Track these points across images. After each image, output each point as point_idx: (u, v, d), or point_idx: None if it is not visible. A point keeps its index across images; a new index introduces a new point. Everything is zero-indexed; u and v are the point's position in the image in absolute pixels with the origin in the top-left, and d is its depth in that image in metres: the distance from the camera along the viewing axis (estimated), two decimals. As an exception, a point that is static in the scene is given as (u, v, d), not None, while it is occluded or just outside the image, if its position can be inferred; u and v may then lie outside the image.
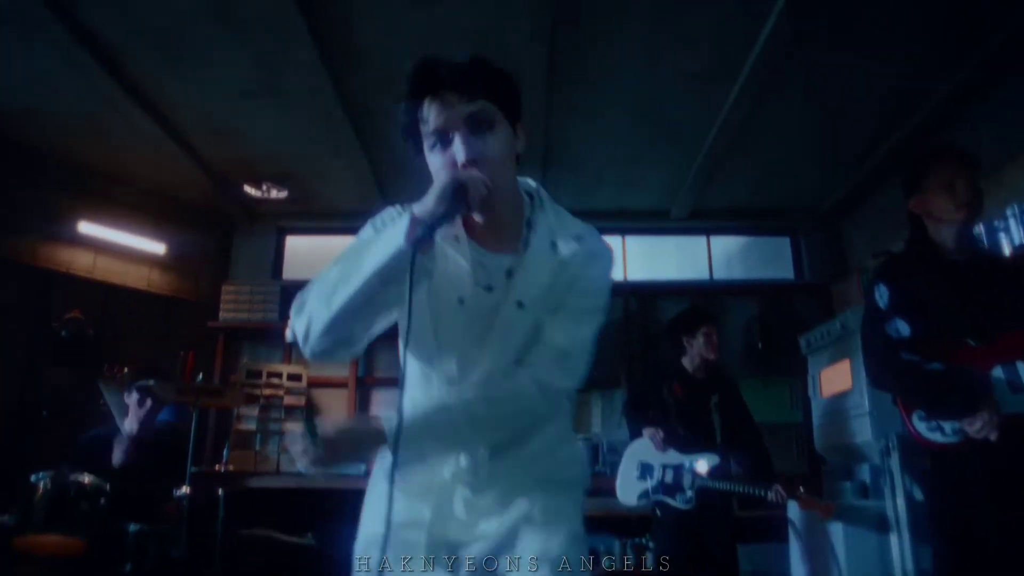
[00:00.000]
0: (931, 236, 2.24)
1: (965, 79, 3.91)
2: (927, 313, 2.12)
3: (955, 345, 2.09)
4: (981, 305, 2.12)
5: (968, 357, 2.08)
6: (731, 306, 5.86)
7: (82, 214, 5.08)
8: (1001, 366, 2.05)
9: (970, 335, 2.10)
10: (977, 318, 2.11)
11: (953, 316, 2.10)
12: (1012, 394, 2.01)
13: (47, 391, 4.77)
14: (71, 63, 3.87)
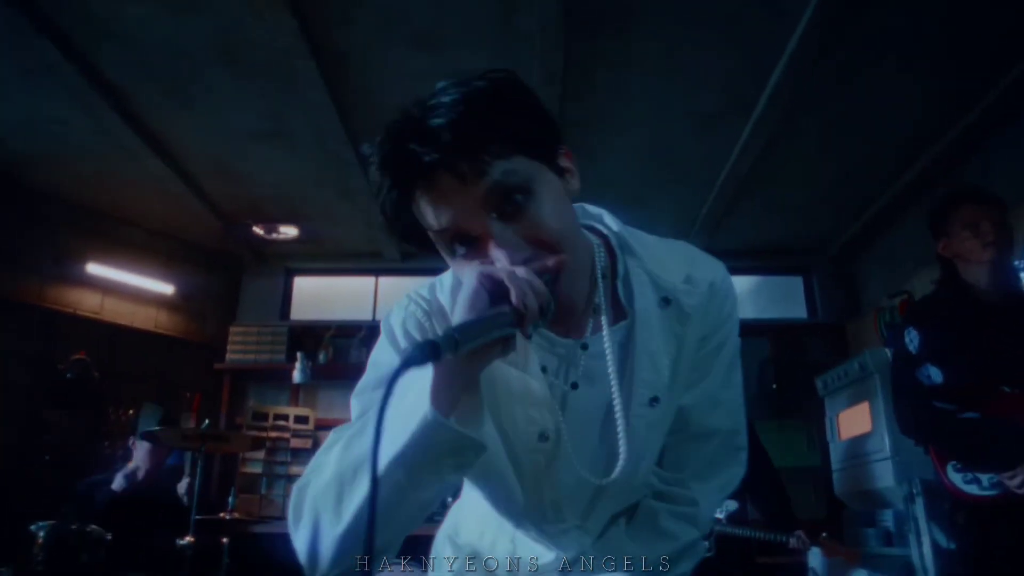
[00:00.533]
0: (963, 277, 2.18)
1: (979, 116, 3.88)
2: (961, 358, 2.04)
3: (992, 393, 2.00)
4: (1018, 350, 2.04)
5: (1006, 406, 1.99)
6: (744, 347, 5.65)
7: (90, 255, 5.06)
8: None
9: (1007, 382, 2.02)
10: (1015, 363, 2.03)
11: (989, 362, 2.03)
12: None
13: (49, 435, 4.69)
14: (82, 106, 3.89)
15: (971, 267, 2.14)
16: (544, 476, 0.97)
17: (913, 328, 2.15)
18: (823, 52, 3.41)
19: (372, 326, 5.70)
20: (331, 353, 5.53)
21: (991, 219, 2.12)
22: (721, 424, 1.06)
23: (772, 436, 5.22)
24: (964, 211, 2.15)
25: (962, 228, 2.13)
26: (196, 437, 3.18)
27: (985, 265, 2.11)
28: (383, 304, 5.96)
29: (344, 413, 4.14)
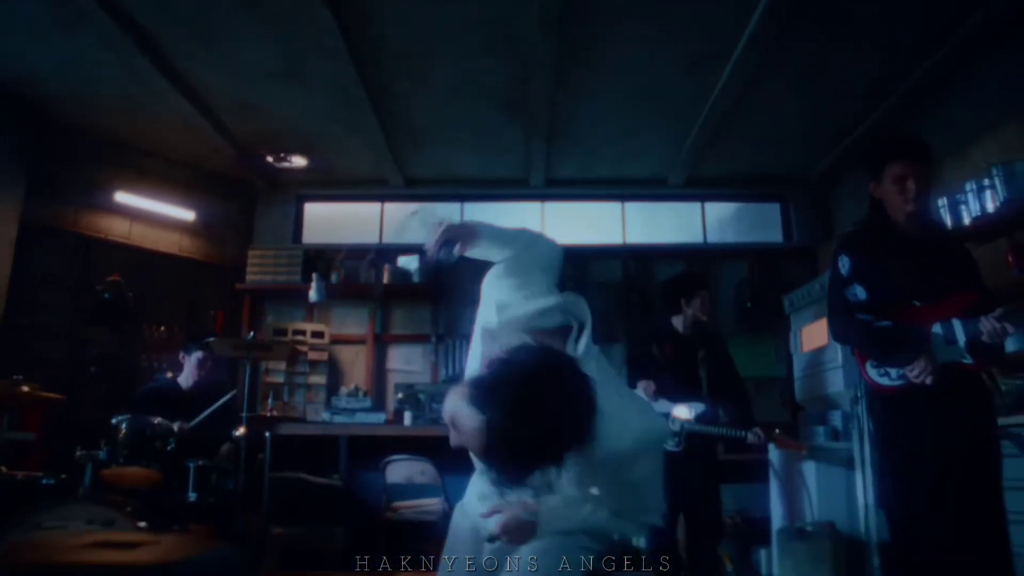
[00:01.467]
0: (888, 215, 2.62)
1: (938, 63, 4.25)
2: (881, 280, 2.51)
3: (903, 306, 2.48)
4: (927, 273, 2.51)
5: (913, 316, 2.48)
6: (723, 268, 6.27)
7: (118, 185, 5.45)
8: (940, 323, 2.44)
9: (916, 298, 2.50)
10: (923, 284, 2.50)
11: (903, 282, 2.50)
12: (946, 346, 2.42)
13: (93, 350, 5.19)
14: (113, 49, 4.21)
15: (895, 210, 2.58)
16: None
17: (844, 255, 2.61)
18: (797, 1, 3.74)
19: (380, 249, 6.16)
20: (342, 274, 5.99)
21: (916, 176, 2.53)
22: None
23: (744, 349, 5.77)
24: (895, 167, 2.55)
25: (892, 182, 2.55)
26: (244, 346, 3.67)
27: (907, 213, 2.55)
28: (389, 228, 6.39)
29: (355, 329, 4.95)
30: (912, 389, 2.41)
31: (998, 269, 3.71)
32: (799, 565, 3.96)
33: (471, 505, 1.80)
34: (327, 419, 5.49)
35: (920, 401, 2.42)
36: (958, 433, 2.36)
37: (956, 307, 2.44)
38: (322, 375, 5.91)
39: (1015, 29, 3.84)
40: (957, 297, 2.46)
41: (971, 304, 2.43)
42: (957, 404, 2.39)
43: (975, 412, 2.41)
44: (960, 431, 2.36)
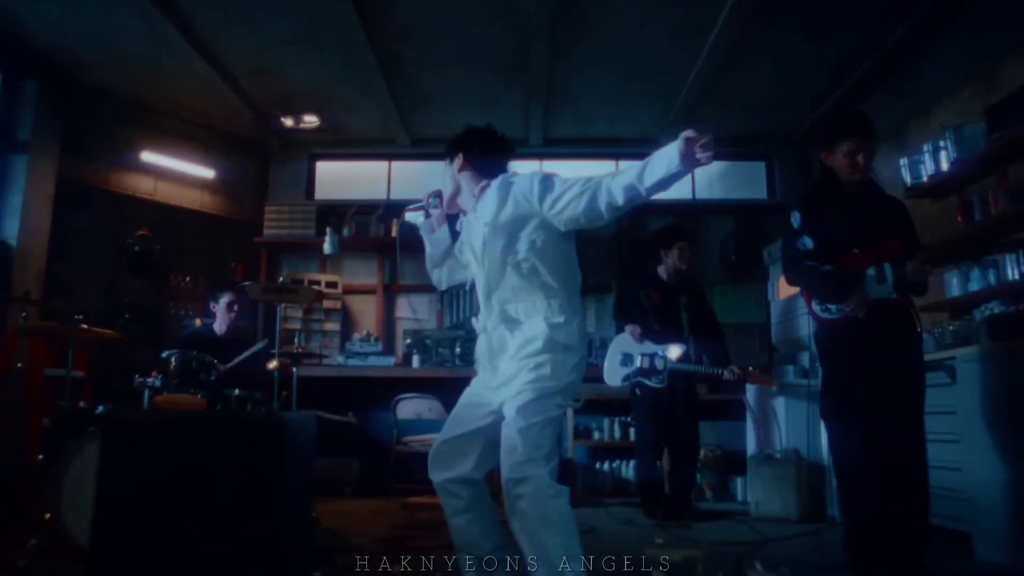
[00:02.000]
0: (836, 179, 3.03)
1: (905, 32, 4.59)
2: (825, 232, 2.93)
3: (843, 254, 2.91)
4: (864, 225, 2.93)
5: (852, 261, 2.91)
6: (711, 223, 6.68)
7: (143, 145, 5.84)
8: (874, 267, 2.87)
9: (855, 246, 2.92)
10: (860, 234, 2.92)
11: (843, 234, 2.92)
12: (877, 284, 2.85)
13: (126, 298, 5.64)
14: (142, 18, 4.55)
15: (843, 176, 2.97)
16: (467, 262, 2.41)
17: (796, 211, 3.02)
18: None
19: (388, 204, 6.55)
20: (353, 228, 6.41)
21: (865, 152, 2.92)
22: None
23: (728, 298, 6.27)
24: (847, 143, 2.93)
25: (843, 156, 2.93)
26: (275, 290, 4.10)
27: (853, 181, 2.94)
28: (396, 185, 6.79)
29: (365, 279, 5.59)
30: (848, 321, 2.86)
31: (949, 223, 4.13)
32: (767, 485, 4.47)
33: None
34: (342, 362, 5.97)
35: (854, 330, 2.87)
36: (885, 355, 2.81)
37: (887, 253, 2.87)
38: (336, 322, 6.38)
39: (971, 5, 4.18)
40: (888, 244, 2.88)
41: (899, 250, 2.85)
42: (885, 332, 2.83)
43: (900, 338, 2.85)
44: (887, 354, 2.81)
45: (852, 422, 2.84)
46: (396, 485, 5.32)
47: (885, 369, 2.82)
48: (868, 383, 2.83)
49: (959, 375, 3.36)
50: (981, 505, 3.20)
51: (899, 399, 2.80)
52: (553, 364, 2.11)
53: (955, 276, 4.03)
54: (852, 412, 2.87)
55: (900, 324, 2.87)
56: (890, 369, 2.81)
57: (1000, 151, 3.62)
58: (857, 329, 2.84)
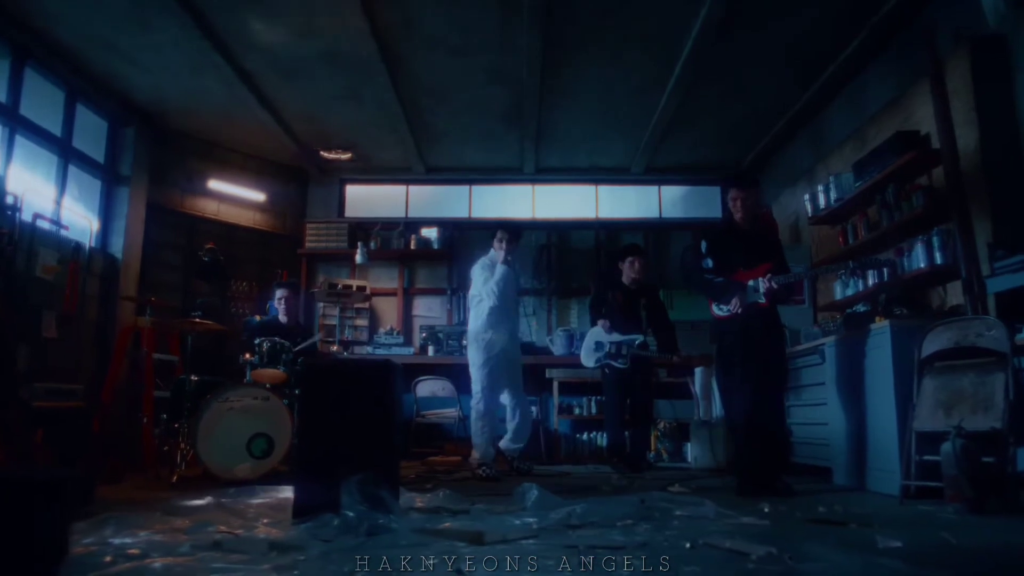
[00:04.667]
0: (732, 217, 4.38)
1: (812, 94, 5.95)
2: (721, 256, 4.29)
3: (731, 270, 4.25)
4: (749, 251, 4.28)
5: (740, 276, 4.25)
6: (675, 237, 8.05)
7: (210, 174, 7.21)
8: (753, 280, 4.21)
9: (742, 266, 4.27)
10: (746, 258, 4.27)
11: (733, 257, 4.27)
12: (754, 292, 4.19)
13: (197, 298, 6.99)
14: (224, 82, 5.90)
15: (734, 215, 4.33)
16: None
17: (704, 240, 4.38)
18: (711, 47, 5.32)
19: (407, 222, 7.93)
20: (378, 242, 7.77)
21: (743, 199, 4.24)
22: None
23: (686, 299, 7.60)
24: (732, 191, 4.29)
25: (730, 200, 4.29)
26: (334, 293, 5.47)
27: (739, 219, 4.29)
28: (413, 205, 8.16)
29: (387, 284, 7.60)
30: (733, 317, 4.20)
31: (834, 243, 5.50)
32: (702, 444, 5.83)
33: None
34: (371, 351, 7.33)
35: (737, 323, 4.21)
36: (755, 341, 4.14)
37: (762, 271, 4.21)
38: (365, 319, 7.75)
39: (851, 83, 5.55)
40: (762, 265, 4.23)
41: (769, 269, 4.20)
42: (756, 325, 4.16)
43: (767, 330, 4.19)
44: (757, 341, 4.14)
45: (733, 387, 4.19)
46: (415, 450, 6.67)
47: (755, 350, 4.15)
48: (744, 359, 4.15)
49: (826, 356, 4.71)
50: (837, 448, 4.54)
51: (765, 370, 4.14)
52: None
53: (839, 284, 5.40)
54: (732, 380, 4.22)
55: (768, 320, 4.22)
56: (759, 350, 4.14)
57: (862, 195, 4.98)
58: (738, 323, 4.20)
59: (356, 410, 2.76)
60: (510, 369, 5.28)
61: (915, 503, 3.46)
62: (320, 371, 2.82)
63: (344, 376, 2.80)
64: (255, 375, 4.84)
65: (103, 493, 3.97)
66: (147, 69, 5.73)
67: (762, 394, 4.11)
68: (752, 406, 4.10)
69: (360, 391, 2.77)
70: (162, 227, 6.80)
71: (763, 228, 4.45)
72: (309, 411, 2.75)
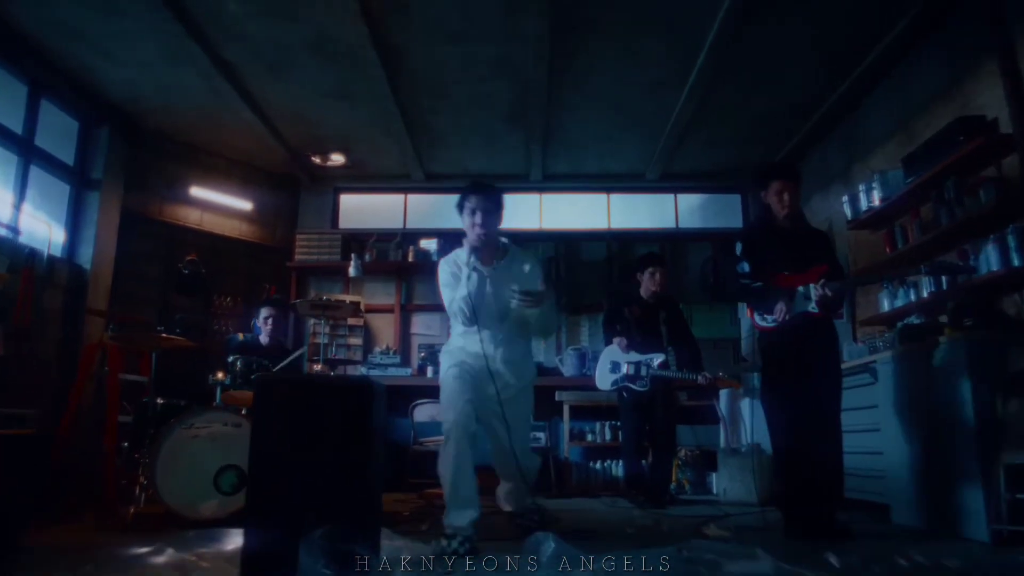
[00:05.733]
0: (771, 214, 3.82)
1: (848, 87, 5.42)
2: (759, 258, 3.71)
3: (772, 274, 3.67)
4: (793, 253, 3.71)
5: (784, 281, 3.68)
6: (691, 249, 7.48)
7: (193, 181, 6.68)
8: (802, 285, 3.64)
9: (784, 269, 3.69)
10: (790, 260, 3.70)
11: (773, 259, 3.69)
12: (804, 300, 3.61)
13: (176, 314, 6.43)
14: (203, 76, 5.39)
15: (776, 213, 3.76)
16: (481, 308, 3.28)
17: (739, 241, 3.80)
18: (735, 37, 4.84)
19: (404, 233, 7.37)
20: (374, 255, 7.22)
21: (791, 191, 3.71)
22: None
23: (706, 316, 7.06)
24: (776, 184, 3.74)
25: (773, 195, 3.73)
26: (320, 306, 4.89)
27: (784, 216, 3.73)
28: (411, 215, 7.61)
29: (383, 300, 6.77)
30: (780, 328, 3.62)
31: (879, 249, 4.93)
32: (732, 475, 5.22)
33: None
34: (365, 372, 6.74)
35: (785, 335, 3.63)
36: (807, 355, 3.56)
37: (814, 275, 3.63)
38: (359, 337, 7.17)
39: (893, 72, 5.01)
40: (814, 268, 3.65)
41: (823, 273, 3.62)
42: (808, 337, 3.59)
43: (821, 342, 3.61)
44: (809, 354, 3.56)
45: (781, 408, 3.60)
46: (412, 481, 6.05)
47: (807, 366, 3.57)
48: (794, 376, 3.58)
49: (879, 375, 4.12)
50: (896, 481, 3.94)
51: (819, 390, 3.56)
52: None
53: (885, 295, 4.82)
54: (781, 400, 3.63)
55: (822, 331, 3.64)
56: (812, 366, 3.56)
57: (913, 193, 4.42)
58: (787, 334, 3.61)
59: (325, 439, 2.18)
60: (514, 404, 3.45)
61: (1013, 551, 2.85)
62: (278, 387, 2.22)
63: (310, 395, 2.22)
64: (226, 397, 4.27)
65: (43, 536, 3.42)
66: (120, 62, 5.22)
67: (815, 417, 3.53)
68: (803, 432, 3.52)
69: (331, 416, 2.19)
70: (138, 236, 6.25)
71: (809, 226, 3.87)
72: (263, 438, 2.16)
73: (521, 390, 3.52)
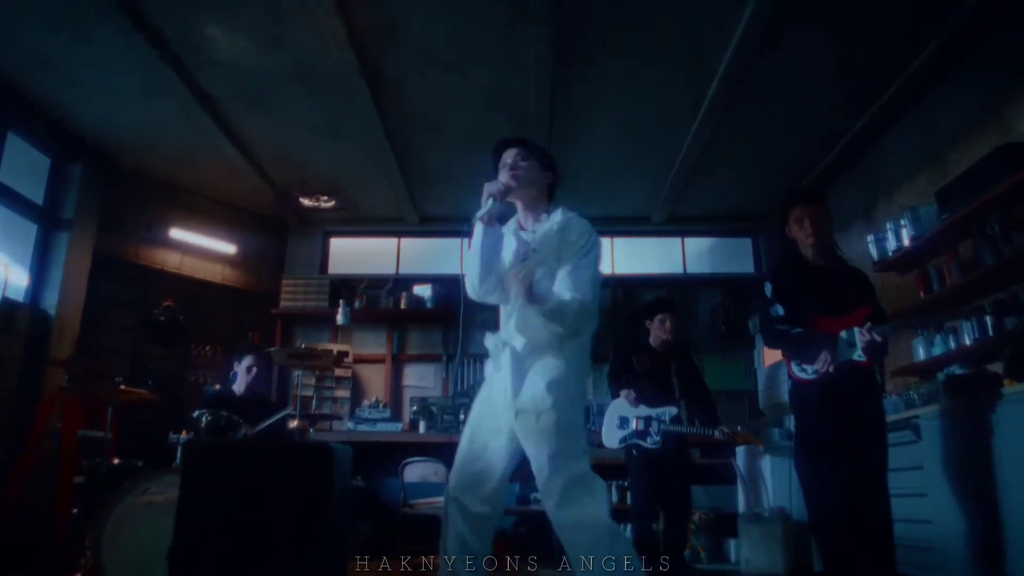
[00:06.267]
0: (800, 250, 3.42)
1: (868, 121, 5.09)
2: (793, 300, 3.29)
3: (810, 318, 3.25)
4: (829, 293, 3.29)
5: (822, 325, 3.25)
6: (701, 295, 7.08)
7: (172, 221, 6.31)
8: (845, 331, 3.21)
9: (822, 312, 3.26)
10: (826, 301, 3.28)
11: (809, 301, 3.28)
12: (848, 347, 3.18)
13: (150, 364, 5.98)
14: (183, 110, 5.06)
15: (803, 246, 3.37)
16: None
17: (769, 282, 3.39)
18: (750, 64, 4.54)
19: (397, 279, 6.97)
20: (364, 301, 6.81)
21: (811, 216, 3.32)
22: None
23: (717, 366, 6.60)
24: (795, 211, 3.36)
25: (794, 222, 3.35)
26: (297, 355, 4.45)
27: (809, 247, 3.34)
28: (405, 260, 7.22)
29: (373, 349, 6.09)
30: (821, 380, 3.17)
31: (913, 294, 4.52)
32: (755, 543, 4.70)
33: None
34: (351, 428, 6.25)
35: (825, 388, 3.17)
36: (851, 412, 3.11)
37: (857, 319, 3.20)
38: (346, 389, 6.69)
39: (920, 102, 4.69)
40: (859, 310, 3.23)
41: (867, 316, 3.19)
42: (852, 391, 3.14)
43: (866, 397, 3.17)
44: (853, 410, 3.11)
45: (820, 472, 3.13)
46: (403, 546, 5.52)
47: (851, 424, 3.12)
48: (835, 436, 3.12)
49: (924, 432, 3.67)
50: (947, 554, 3.45)
51: (863, 451, 3.10)
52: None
53: (920, 343, 4.39)
54: (820, 462, 3.16)
55: (866, 384, 3.19)
56: (855, 424, 3.11)
57: (949, 230, 4.03)
58: (828, 387, 3.16)
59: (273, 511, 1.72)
60: (525, 430, 2.30)
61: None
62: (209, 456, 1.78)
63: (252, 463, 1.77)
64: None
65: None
66: (92, 92, 4.89)
67: (863, 484, 3.06)
68: (851, 500, 3.05)
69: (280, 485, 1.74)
70: (111, 281, 5.84)
71: (844, 263, 3.46)
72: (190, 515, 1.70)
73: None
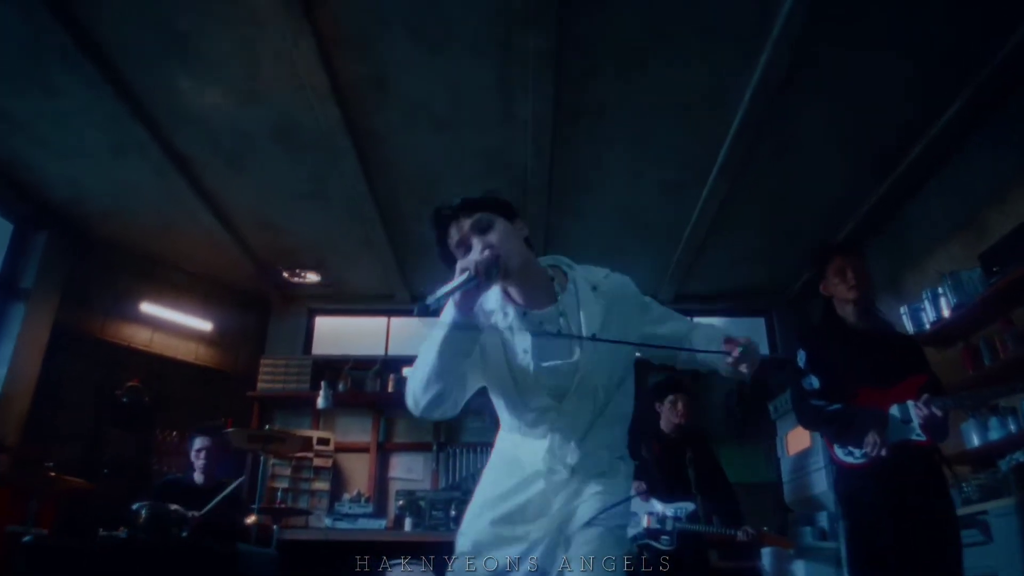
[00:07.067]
0: (837, 312, 2.97)
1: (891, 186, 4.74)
2: (830, 370, 2.81)
3: (852, 391, 2.76)
4: (874, 360, 2.81)
5: (862, 399, 2.75)
6: (713, 379, 6.52)
7: (144, 295, 5.87)
8: (896, 405, 2.71)
9: (862, 384, 2.78)
10: (871, 370, 2.79)
11: (849, 371, 2.79)
12: (902, 424, 2.67)
13: (109, 450, 5.40)
14: (157, 174, 4.71)
15: (842, 304, 2.92)
16: (531, 386, 1.73)
17: (801, 349, 2.93)
18: (759, 135, 4.26)
19: (386, 360, 6.47)
20: (349, 383, 6.28)
21: (854, 267, 2.90)
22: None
23: (735, 456, 5.97)
24: (835, 262, 2.94)
25: (834, 275, 2.92)
26: (260, 438, 3.92)
27: (851, 303, 2.89)
28: (395, 341, 6.74)
29: (359, 436, 5.33)
30: (872, 465, 2.65)
31: (957, 370, 4.02)
32: (792, 665, 4.01)
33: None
34: (329, 524, 5.59)
35: (880, 475, 2.65)
36: (914, 503, 2.58)
37: (910, 389, 2.71)
38: (326, 481, 6.06)
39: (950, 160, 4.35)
40: (911, 380, 2.74)
41: (922, 385, 2.70)
42: (913, 477, 2.62)
43: (930, 484, 2.63)
44: (916, 502, 2.58)
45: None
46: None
47: (915, 519, 2.58)
48: (897, 535, 2.57)
49: (995, 531, 3.11)
50: None
51: (933, 553, 2.55)
52: None
53: (973, 426, 3.85)
54: (882, 569, 2.60)
55: (929, 468, 2.67)
56: (921, 519, 2.57)
57: (1000, 294, 3.59)
58: (883, 474, 2.63)
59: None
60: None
61: None
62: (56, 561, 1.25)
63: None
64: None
65: None
66: (59, 152, 4.56)
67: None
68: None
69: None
70: (71, 357, 5.34)
71: (891, 326, 2.99)
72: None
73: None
